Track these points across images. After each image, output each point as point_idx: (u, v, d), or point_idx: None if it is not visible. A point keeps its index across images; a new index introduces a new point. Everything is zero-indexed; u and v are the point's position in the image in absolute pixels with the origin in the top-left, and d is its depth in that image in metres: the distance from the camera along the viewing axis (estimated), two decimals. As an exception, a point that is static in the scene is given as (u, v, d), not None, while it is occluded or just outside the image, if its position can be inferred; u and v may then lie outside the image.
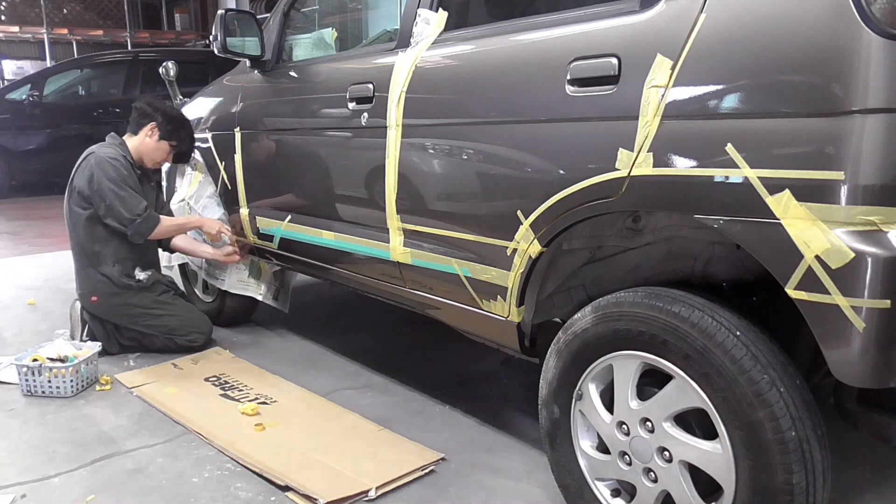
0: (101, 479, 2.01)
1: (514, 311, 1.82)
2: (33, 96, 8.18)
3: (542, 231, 1.67)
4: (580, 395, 1.65)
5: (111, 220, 2.84)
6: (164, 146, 3.03)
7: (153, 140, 3.00)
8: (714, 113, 1.32)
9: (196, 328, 3.02)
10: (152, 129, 2.99)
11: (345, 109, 2.28)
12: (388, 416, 2.39)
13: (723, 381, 1.34)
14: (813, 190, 1.19)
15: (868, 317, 1.16)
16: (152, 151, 3.02)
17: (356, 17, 3.57)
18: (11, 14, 12.78)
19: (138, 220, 2.82)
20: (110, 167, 2.84)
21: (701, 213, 1.35)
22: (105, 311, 2.94)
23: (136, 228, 2.83)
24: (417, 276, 2.12)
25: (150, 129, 2.99)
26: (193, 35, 13.49)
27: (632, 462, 1.56)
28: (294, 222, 2.65)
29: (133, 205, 2.83)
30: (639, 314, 1.47)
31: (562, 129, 1.61)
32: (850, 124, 1.14)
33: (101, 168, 2.83)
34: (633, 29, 1.47)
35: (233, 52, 2.74)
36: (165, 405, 2.46)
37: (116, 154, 2.91)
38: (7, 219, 6.89)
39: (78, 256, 2.96)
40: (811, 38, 1.19)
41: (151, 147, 3.01)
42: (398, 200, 2.10)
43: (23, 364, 2.56)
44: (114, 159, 2.87)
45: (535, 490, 1.94)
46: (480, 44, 1.88)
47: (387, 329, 3.38)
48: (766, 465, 1.31)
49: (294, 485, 1.92)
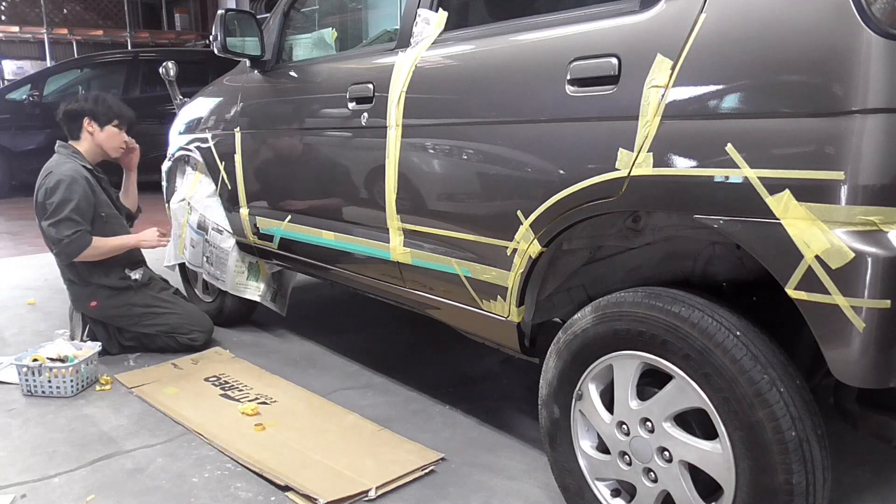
0: (101, 479, 2.01)
1: (514, 311, 1.82)
2: (33, 96, 8.18)
3: (542, 231, 1.67)
4: (580, 395, 1.65)
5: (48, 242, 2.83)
6: (111, 130, 2.98)
7: (98, 131, 2.96)
8: (714, 113, 1.32)
9: (197, 326, 3.02)
10: (90, 123, 2.95)
11: (345, 109, 2.28)
12: (388, 416, 2.39)
13: (723, 381, 1.34)
14: (813, 190, 1.19)
15: (868, 317, 1.16)
16: (105, 141, 2.98)
17: (356, 17, 3.58)
18: (11, 14, 12.78)
19: (65, 241, 2.78)
20: (56, 181, 2.80)
21: (701, 213, 1.35)
22: (106, 315, 2.94)
23: (62, 249, 2.79)
24: (417, 276, 2.12)
25: (87, 124, 2.95)
26: (193, 35, 13.49)
27: (632, 462, 1.56)
28: (294, 222, 2.65)
29: (65, 222, 2.77)
30: (639, 314, 1.47)
31: (562, 129, 1.61)
32: (850, 124, 1.14)
33: (49, 182, 2.81)
34: (633, 29, 1.47)
35: (233, 52, 2.74)
36: (165, 405, 2.46)
37: (74, 171, 2.84)
38: (7, 219, 6.89)
39: (68, 276, 2.94)
40: (811, 38, 1.19)
41: (102, 138, 2.97)
42: (398, 200, 2.10)
43: (23, 364, 2.56)
44: (69, 179, 2.80)
45: (535, 490, 1.94)
46: (480, 44, 1.88)
47: (387, 329, 3.38)
48: (766, 465, 1.31)
49: (294, 485, 1.92)
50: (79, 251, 2.80)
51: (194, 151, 3.25)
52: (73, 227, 2.78)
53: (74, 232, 2.78)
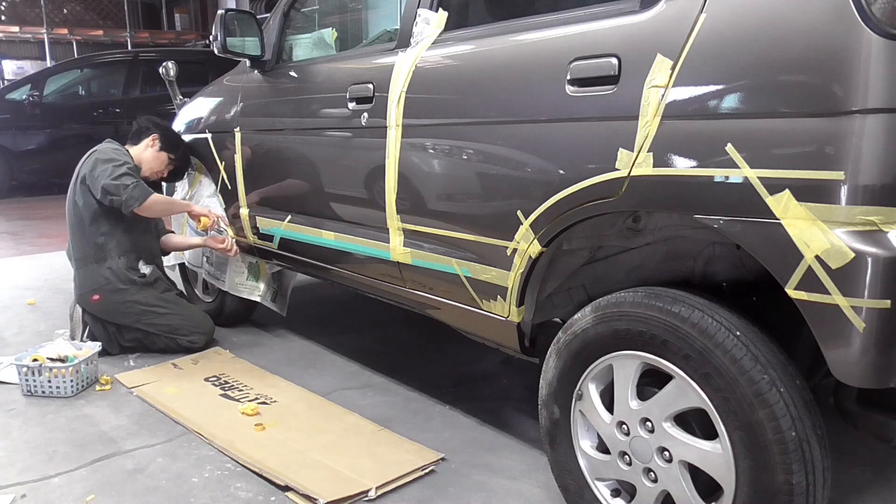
0: (101, 479, 2.01)
1: (514, 311, 1.82)
2: (33, 96, 8.18)
3: (542, 231, 1.67)
4: (580, 395, 1.65)
5: (107, 197, 2.86)
6: (164, 157, 3.15)
7: (154, 149, 3.14)
8: (714, 113, 1.32)
9: (198, 328, 3.02)
10: (154, 140, 3.15)
11: (345, 109, 2.28)
12: (388, 416, 2.39)
13: (723, 381, 1.34)
14: (813, 190, 1.19)
15: (868, 317, 1.16)
16: (152, 160, 3.13)
17: (356, 17, 3.57)
18: (11, 14, 12.79)
19: (130, 186, 2.86)
20: (112, 153, 2.98)
21: (701, 213, 1.35)
22: (107, 310, 2.94)
23: (130, 193, 2.85)
24: (417, 276, 2.12)
25: (152, 139, 3.14)
26: (193, 35, 13.49)
27: (632, 462, 1.56)
28: (294, 222, 2.65)
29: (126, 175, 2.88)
30: (639, 314, 1.47)
31: (562, 129, 1.61)
32: (850, 124, 1.14)
33: (104, 154, 2.97)
34: (633, 29, 1.47)
35: (233, 52, 2.74)
36: (165, 405, 2.46)
37: (119, 152, 3.02)
38: (7, 219, 6.89)
39: (80, 254, 2.98)
40: (811, 38, 1.19)
41: (152, 156, 3.13)
42: (398, 200, 2.10)
43: (23, 364, 2.56)
44: (117, 150, 3.02)
45: (535, 490, 1.94)
46: (480, 44, 1.88)
47: (387, 329, 3.38)
48: (766, 465, 1.31)
49: (294, 485, 1.92)
50: (143, 198, 2.86)
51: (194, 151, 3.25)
52: (133, 180, 2.88)
53: (136, 182, 2.88)
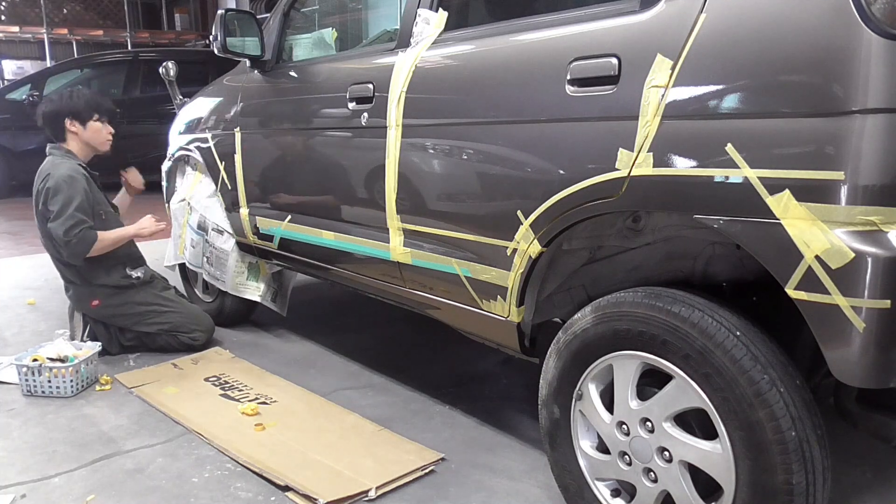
0: (101, 479, 2.01)
1: (514, 311, 1.82)
2: (33, 96, 8.16)
3: (542, 231, 1.67)
4: (580, 395, 1.65)
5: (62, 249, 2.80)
6: (94, 125, 2.96)
7: (82, 130, 2.93)
8: (714, 113, 1.32)
9: (199, 326, 3.02)
10: (72, 123, 2.92)
11: (345, 109, 2.28)
12: (388, 416, 2.39)
13: (723, 381, 1.34)
14: (813, 190, 1.19)
15: (868, 317, 1.16)
16: (91, 138, 2.96)
17: (356, 17, 3.58)
18: (11, 14, 12.78)
19: (73, 242, 2.76)
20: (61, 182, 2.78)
21: (701, 213, 1.35)
22: (108, 313, 2.93)
23: (73, 249, 2.77)
24: (417, 276, 2.12)
25: (69, 124, 2.92)
26: (193, 35, 13.48)
27: (632, 462, 1.56)
28: (294, 222, 2.65)
29: (71, 228, 2.75)
30: (639, 314, 1.47)
31: (562, 129, 1.61)
32: (850, 124, 1.14)
33: (55, 182, 2.79)
34: (633, 29, 1.47)
35: (233, 52, 2.74)
36: (165, 405, 2.46)
37: (72, 170, 2.84)
38: (7, 219, 6.89)
39: (69, 277, 2.94)
40: (811, 38, 1.19)
41: (88, 136, 2.95)
42: (398, 200, 2.10)
43: (23, 364, 2.56)
44: (69, 179, 2.80)
45: (535, 490, 1.94)
46: (480, 44, 1.88)
47: (387, 329, 3.38)
48: (766, 465, 1.31)
49: (294, 485, 1.92)
50: (88, 248, 2.79)
51: (194, 151, 3.25)
52: (80, 226, 2.77)
53: (80, 230, 2.77)
